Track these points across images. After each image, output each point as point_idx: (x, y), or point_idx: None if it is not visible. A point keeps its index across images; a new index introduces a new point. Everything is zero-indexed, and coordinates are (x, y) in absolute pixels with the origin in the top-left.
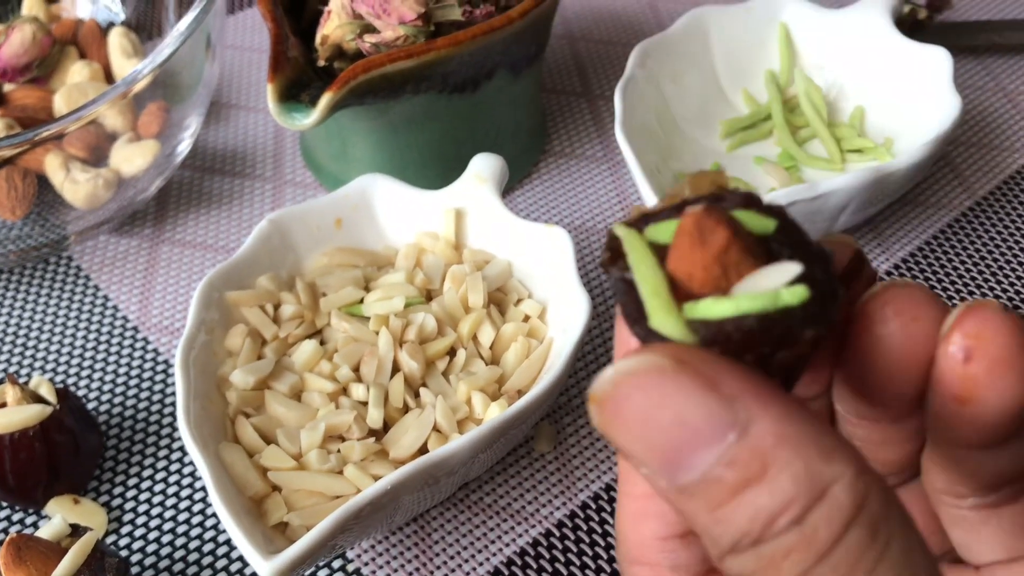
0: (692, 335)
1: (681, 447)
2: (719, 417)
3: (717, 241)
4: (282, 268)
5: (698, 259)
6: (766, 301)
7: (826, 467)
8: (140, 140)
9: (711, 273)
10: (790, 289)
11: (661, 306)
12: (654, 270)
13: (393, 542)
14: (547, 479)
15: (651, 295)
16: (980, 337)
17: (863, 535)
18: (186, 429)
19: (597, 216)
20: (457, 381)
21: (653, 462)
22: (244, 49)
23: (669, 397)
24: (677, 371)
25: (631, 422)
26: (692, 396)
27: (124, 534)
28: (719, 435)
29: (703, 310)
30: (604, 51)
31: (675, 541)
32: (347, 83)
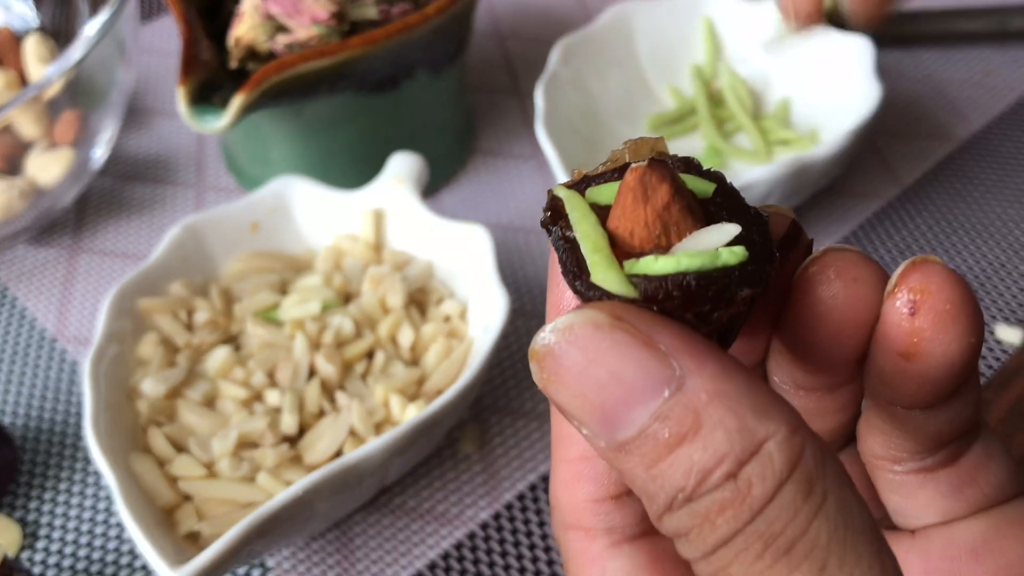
0: (633, 290)
1: (617, 403)
2: (654, 373)
3: (660, 197)
4: (197, 274)
5: (640, 215)
6: (706, 259)
7: (760, 424)
8: (56, 148)
9: (652, 230)
10: (729, 249)
11: (602, 261)
12: (595, 227)
13: (314, 548)
14: (472, 480)
15: (592, 250)
16: (925, 291)
17: (797, 491)
18: (94, 440)
19: (526, 214)
20: (375, 383)
21: (591, 419)
22: (165, 54)
23: (605, 353)
24: (614, 327)
25: (569, 378)
26: (628, 352)
27: (39, 549)
28: (654, 391)
29: (644, 266)
30: (533, 48)
31: (609, 503)
32: (259, 84)
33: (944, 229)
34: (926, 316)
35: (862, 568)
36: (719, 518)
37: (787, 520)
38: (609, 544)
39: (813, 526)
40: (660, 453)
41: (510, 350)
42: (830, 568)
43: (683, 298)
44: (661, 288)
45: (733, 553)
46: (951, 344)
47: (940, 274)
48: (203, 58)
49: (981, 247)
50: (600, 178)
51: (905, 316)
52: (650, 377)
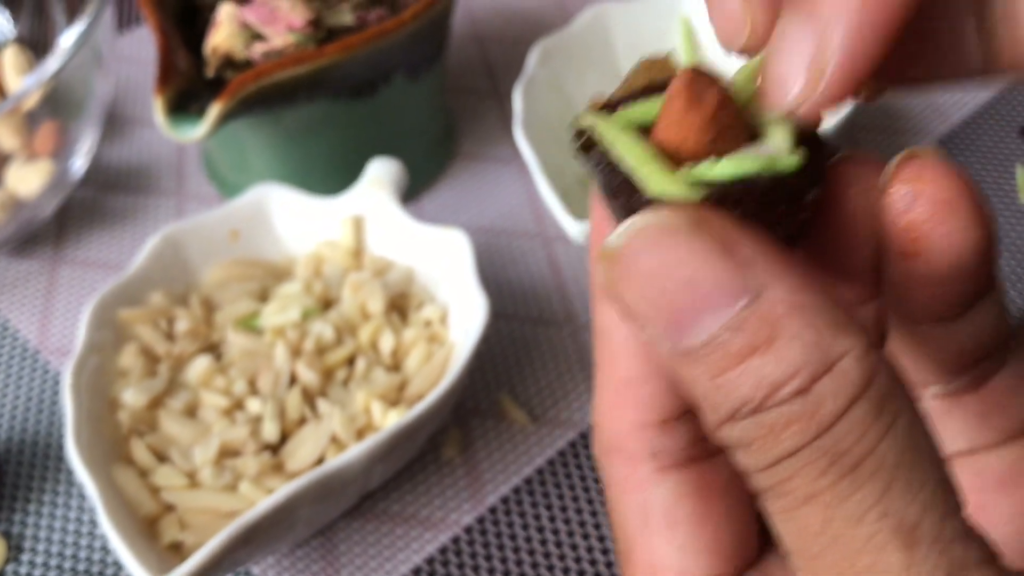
0: (697, 193)
1: (689, 308)
2: (731, 281)
3: (710, 100)
4: (177, 284)
5: (693, 121)
6: (767, 162)
7: (836, 340)
8: (35, 160)
9: (705, 136)
10: (786, 155)
11: (657, 170)
12: (638, 141)
13: (299, 555)
14: (455, 484)
15: (644, 163)
16: (920, 180)
17: (869, 410)
18: (75, 452)
19: (507, 217)
20: (356, 390)
21: (658, 323)
22: (143, 64)
23: (682, 256)
24: (693, 230)
25: (640, 279)
26: (706, 257)
27: (24, 562)
28: (729, 299)
29: (701, 173)
30: (513, 51)
31: (654, 428)
32: (236, 92)
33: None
34: (923, 207)
35: (925, 493)
36: (785, 432)
37: (856, 438)
38: (653, 470)
39: (881, 446)
40: (729, 363)
41: (492, 354)
42: (895, 489)
43: (752, 203)
44: (728, 194)
45: (796, 467)
46: (953, 236)
47: (936, 165)
48: (180, 67)
49: None
50: (626, 100)
51: (901, 211)
52: (726, 284)
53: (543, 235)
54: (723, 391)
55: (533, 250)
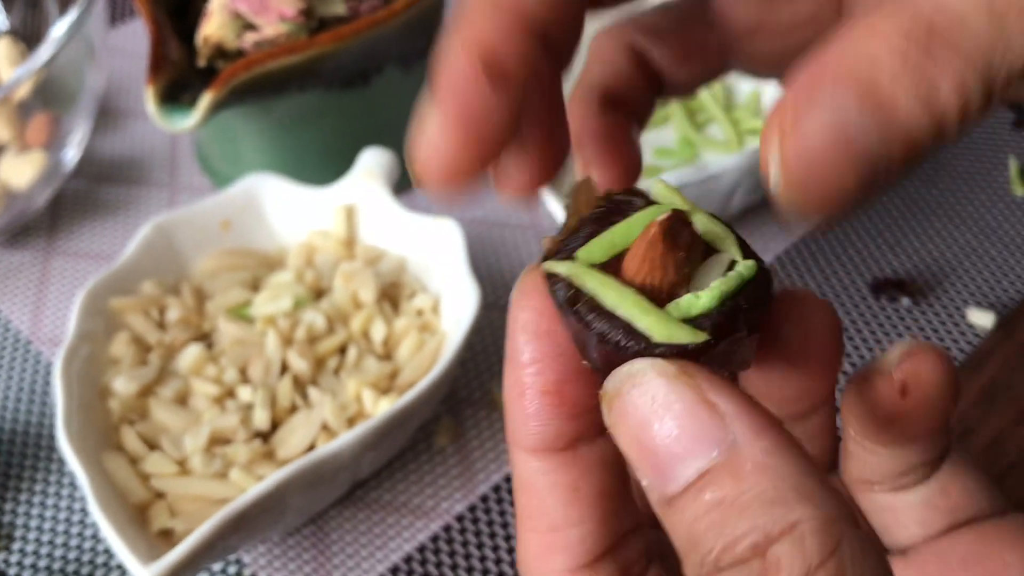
0: (702, 334)
1: (669, 455)
2: (708, 432)
3: (686, 240)
4: (168, 273)
5: (671, 261)
6: (733, 280)
7: (800, 504)
8: (28, 151)
9: (679, 271)
10: (743, 265)
11: (658, 319)
12: (623, 289)
13: (290, 543)
14: (447, 473)
15: (643, 313)
16: (916, 378)
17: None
18: (65, 440)
19: (500, 209)
20: (347, 378)
21: (646, 467)
22: (135, 56)
23: (669, 405)
24: (680, 380)
25: (632, 421)
26: (689, 407)
27: (15, 551)
28: (705, 448)
29: (686, 308)
30: None
31: (583, 572)
32: (228, 82)
33: (916, 215)
34: (914, 398)
35: None
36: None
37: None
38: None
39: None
40: (698, 512)
41: (483, 343)
42: None
43: (743, 321)
44: (720, 321)
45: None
46: (934, 418)
47: (930, 360)
48: (172, 57)
49: (953, 232)
50: (578, 237)
51: (894, 397)
52: (703, 435)
53: (536, 226)
54: (692, 540)
55: (526, 241)
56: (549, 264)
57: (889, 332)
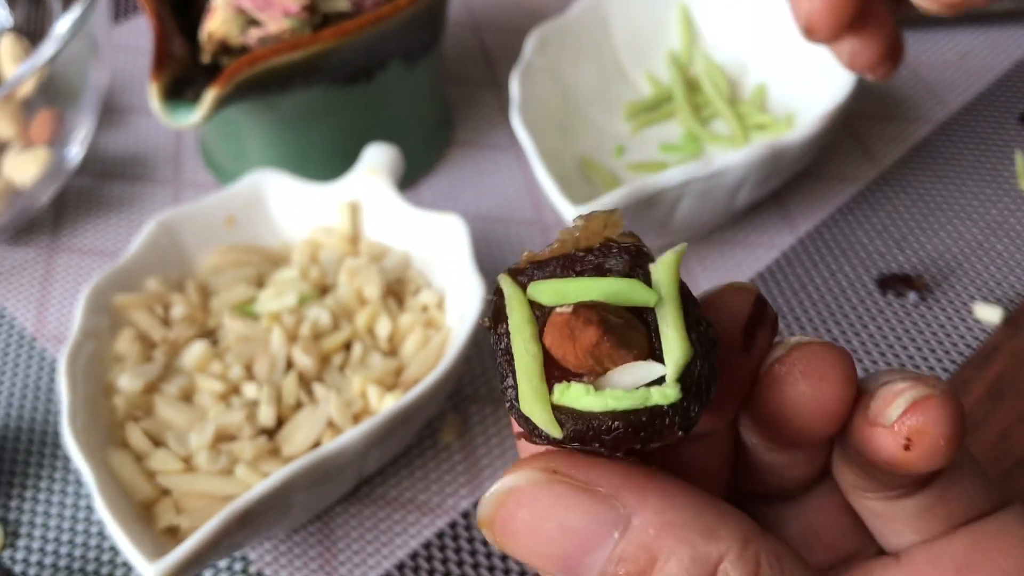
0: (558, 429)
1: (572, 553)
2: (600, 517)
3: (588, 338)
4: (172, 270)
5: (570, 350)
6: (635, 399)
7: (711, 546)
8: (31, 148)
9: (584, 362)
10: (660, 390)
11: (531, 392)
12: (530, 344)
13: (296, 540)
14: (453, 469)
15: (524, 377)
16: (923, 432)
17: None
18: (70, 436)
19: (504, 205)
20: (352, 375)
21: (553, 571)
22: (139, 53)
23: (550, 508)
24: (552, 481)
25: (522, 538)
26: (571, 503)
27: (21, 547)
28: (603, 535)
29: (573, 398)
30: (510, 39)
31: None
32: (232, 78)
33: (922, 210)
34: (919, 451)
35: None
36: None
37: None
38: None
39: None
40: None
41: (489, 340)
42: None
43: (613, 440)
44: (589, 429)
45: None
46: (933, 465)
47: (937, 411)
48: (175, 53)
49: (959, 227)
50: (546, 267)
51: (899, 449)
52: (597, 522)
53: (541, 222)
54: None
55: (531, 237)
56: (504, 276)
57: (896, 328)
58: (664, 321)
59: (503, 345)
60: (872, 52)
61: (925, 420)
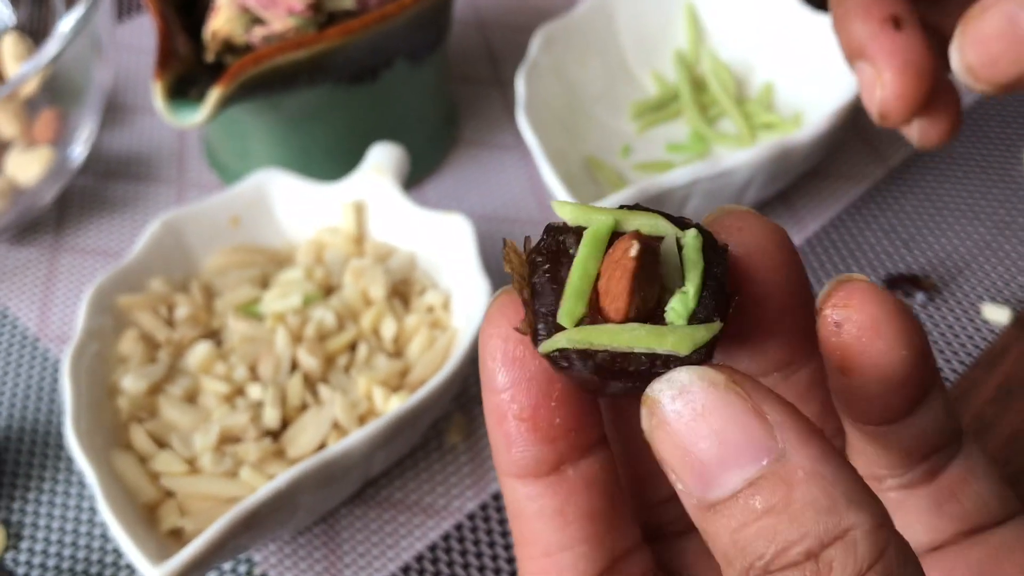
0: (714, 324)
1: (715, 462)
2: (758, 440)
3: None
4: (176, 270)
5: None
6: (695, 256)
7: (850, 511)
8: (35, 147)
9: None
10: (688, 236)
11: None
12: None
13: (300, 543)
14: (459, 471)
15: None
16: (847, 307)
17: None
18: (74, 438)
19: (510, 204)
20: (357, 376)
21: (687, 474)
22: (143, 52)
23: (715, 412)
24: (728, 388)
25: (674, 428)
26: (736, 415)
27: (23, 549)
28: (754, 457)
29: (683, 309)
30: (515, 38)
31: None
32: (236, 77)
33: (929, 210)
34: (849, 332)
35: None
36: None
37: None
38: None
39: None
40: (747, 518)
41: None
42: None
43: (727, 285)
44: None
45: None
46: (880, 357)
47: (862, 290)
48: (179, 52)
49: (967, 227)
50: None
51: (832, 332)
52: (752, 443)
53: (546, 222)
54: (739, 546)
55: (536, 236)
56: (547, 344)
57: None
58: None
59: (616, 362)
60: (941, 129)
61: (848, 294)
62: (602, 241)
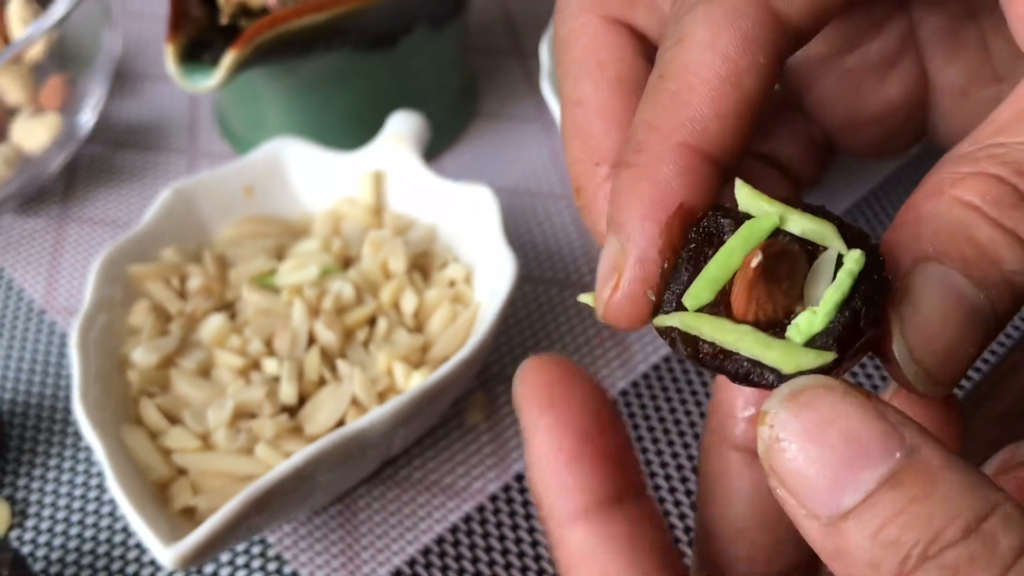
0: (827, 354)
1: (848, 464)
2: (886, 438)
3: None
4: (189, 240)
5: (776, 291)
6: (846, 283)
7: (992, 492)
8: (42, 114)
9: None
10: (850, 257)
11: (784, 351)
12: (741, 329)
13: (317, 523)
14: (480, 451)
15: (766, 348)
16: None
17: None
18: (82, 412)
19: (531, 177)
20: (377, 351)
21: (814, 488)
22: (154, 19)
23: (841, 416)
24: (848, 392)
25: (800, 439)
26: (863, 417)
27: (29, 528)
28: (885, 455)
29: (806, 329)
30: (535, 8)
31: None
32: (252, 40)
33: None
34: None
35: None
36: (971, 569)
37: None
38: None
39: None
40: (889, 514)
41: (517, 316)
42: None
43: (863, 323)
44: (843, 332)
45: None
46: None
47: None
48: (192, 14)
49: None
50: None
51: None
52: (881, 442)
53: (567, 196)
54: (886, 544)
55: (558, 211)
56: (661, 318)
57: None
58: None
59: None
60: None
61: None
62: (757, 237)
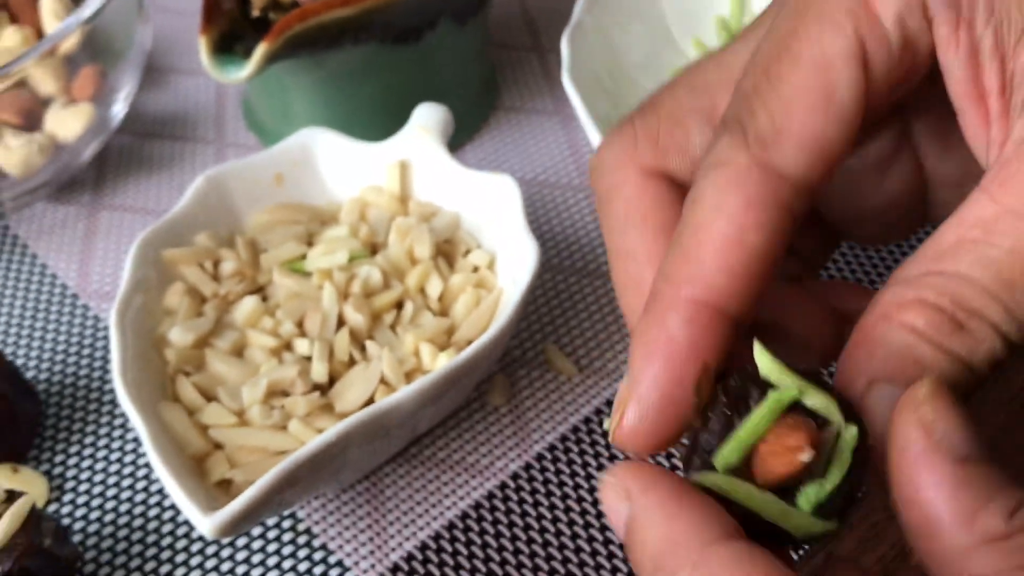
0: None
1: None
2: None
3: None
4: (221, 226)
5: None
6: (847, 458)
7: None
8: (75, 104)
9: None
10: (848, 432)
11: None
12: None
13: (344, 499)
14: (501, 432)
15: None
16: None
17: None
18: (122, 388)
19: (550, 169)
20: (404, 333)
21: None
22: (183, 14)
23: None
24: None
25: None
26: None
27: (66, 502)
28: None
29: (815, 498)
30: (553, 5)
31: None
32: (282, 33)
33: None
34: None
35: None
36: None
37: None
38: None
39: None
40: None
41: (536, 304)
42: None
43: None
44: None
45: None
46: None
47: None
48: (224, 7)
49: None
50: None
51: None
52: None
53: (586, 188)
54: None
55: (577, 202)
56: (696, 477)
57: None
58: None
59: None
60: None
61: None
62: (782, 409)
